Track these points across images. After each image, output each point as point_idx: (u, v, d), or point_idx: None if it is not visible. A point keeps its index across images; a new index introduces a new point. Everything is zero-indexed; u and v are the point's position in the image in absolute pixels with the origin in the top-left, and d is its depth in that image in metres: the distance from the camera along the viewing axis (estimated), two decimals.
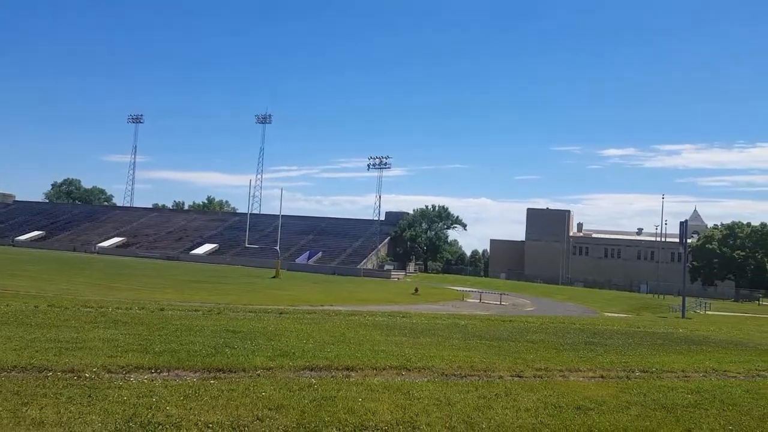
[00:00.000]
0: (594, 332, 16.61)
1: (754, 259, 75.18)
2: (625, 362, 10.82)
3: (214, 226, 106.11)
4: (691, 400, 7.95)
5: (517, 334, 14.88)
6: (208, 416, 5.72)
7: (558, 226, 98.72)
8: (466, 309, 31.85)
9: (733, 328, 22.98)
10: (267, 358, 8.69)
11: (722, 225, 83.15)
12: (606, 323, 21.49)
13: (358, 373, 8.13)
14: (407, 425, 5.90)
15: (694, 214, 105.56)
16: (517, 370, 9.15)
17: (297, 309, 19.11)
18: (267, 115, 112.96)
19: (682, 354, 12.80)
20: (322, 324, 13.86)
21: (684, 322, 26.04)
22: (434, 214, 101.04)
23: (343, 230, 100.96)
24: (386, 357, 9.40)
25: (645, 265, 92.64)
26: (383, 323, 15.17)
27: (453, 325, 15.94)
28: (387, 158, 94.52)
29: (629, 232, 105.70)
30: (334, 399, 6.61)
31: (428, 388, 7.46)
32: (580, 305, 47.86)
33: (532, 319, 21.23)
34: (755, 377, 10.24)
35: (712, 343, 15.76)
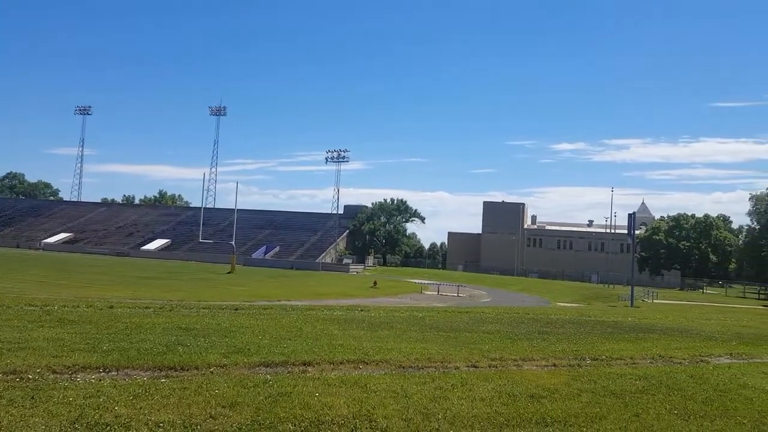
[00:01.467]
0: (547, 322, 16.98)
1: (698, 249, 78.51)
2: (576, 350, 11.09)
3: (166, 221, 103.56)
4: (639, 386, 8.21)
5: (473, 325, 15.07)
6: (159, 415, 5.58)
7: (513, 219, 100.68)
8: (424, 301, 32.10)
9: (679, 316, 23.91)
10: (221, 355, 8.52)
11: (668, 217, 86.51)
12: (558, 313, 22.02)
13: (314, 368, 8.07)
14: (364, 418, 5.89)
15: (642, 206, 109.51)
16: (473, 361, 9.26)
17: (253, 304, 18.81)
18: (221, 107, 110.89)
19: (630, 342, 13.22)
20: (279, 319, 13.69)
21: (632, 311, 26.94)
22: (393, 208, 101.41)
23: (301, 224, 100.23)
24: (344, 351, 9.36)
25: (596, 255, 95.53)
26: (341, 317, 15.11)
27: (411, 318, 16.01)
28: (345, 151, 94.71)
29: (581, 224, 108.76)
30: (289, 395, 6.54)
31: (385, 381, 7.47)
32: (534, 296, 48.94)
33: (488, 310, 21.56)
34: (699, 363, 10.66)
35: (658, 330, 16.34)
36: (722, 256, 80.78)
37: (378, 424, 5.77)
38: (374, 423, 5.79)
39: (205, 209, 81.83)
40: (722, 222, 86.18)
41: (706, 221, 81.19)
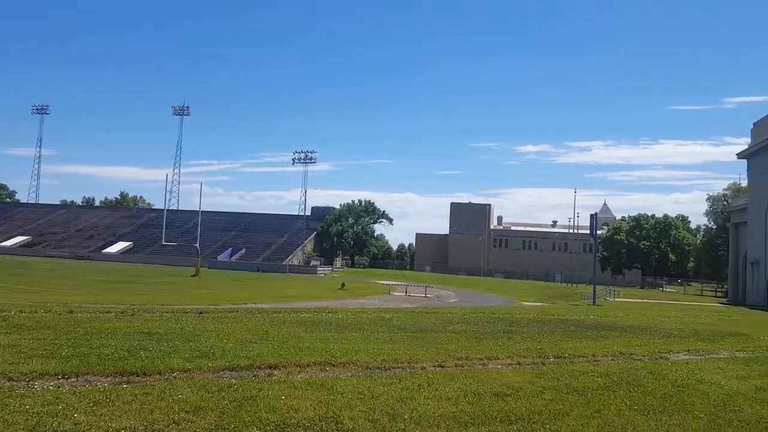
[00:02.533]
0: (512, 321, 17.22)
1: (658, 248, 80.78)
2: (540, 349, 11.28)
3: (127, 223, 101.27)
4: (601, 382, 8.41)
5: (440, 325, 15.17)
6: (120, 422, 5.47)
7: (479, 220, 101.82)
8: (392, 302, 32.16)
9: (639, 314, 24.52)
10: (184, 359, 8.38)
11: (629, 217, 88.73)
12: (523, 312, 22.36)
13: (281, 371, 8.01)
14: (330, 420, 5.88)
15: (604, 207, 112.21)
16: (440, 361, 9.33)
17: (218, 308, 18.56)
18: (184, 107, 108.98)
19: (592, 339, 13.50)
20: (245, 322, 13.54)
21: (595, 309, 27.53)
22: (361, 209, 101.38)
23: (268, 226, 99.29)
24: (310, 353, 9.31)
25: (559, 255, 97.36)
26: (308, 319, 15.03)
27: (378, 319, 16.03)
28: (312, 152, 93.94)
29: (545, 224, 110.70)
30: (255, 398, 6.48)
31: (352, 383, 7.46)
32: (500, 295, 49.57)
33: (454, 310, 21.74)
34: (658, 359, 10.97)
35: (619, 328, 16.73)
36: (681, 255, 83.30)
37: (344, 425, 5.77)
38: (340, 425, 5.78)
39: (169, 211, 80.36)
40: (681, 222, 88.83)
41: (666, 221, 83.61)
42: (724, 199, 75.30)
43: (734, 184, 74.23)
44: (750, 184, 48.99)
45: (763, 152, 43.60)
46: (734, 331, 17.02)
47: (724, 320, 22.60)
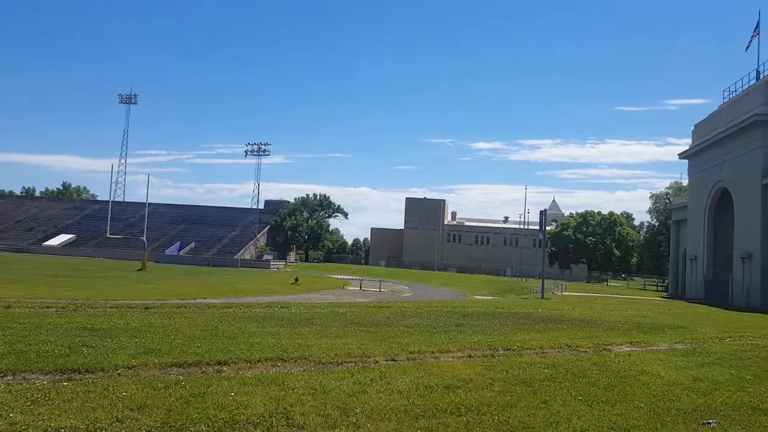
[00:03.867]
0: (464, 314, 17.49)
1: (603, 244, 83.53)
2: (490, 342, 11.50)
3: (70, 215, 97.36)
4: (548, 374, 8.63)
5: (393, 319, 15.25)
6: (60, 421, 5.29)
7: (434, 215, 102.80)
8: (346, 297, 32.07)
9: (585, 307, 25.33)
10: (129, 356, 8.15)
11: (577, 214, 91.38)
12: (475, 306, 22.73)
13: (230, 367, 7.89)
14: (280, 416, 5.82)
15: (553, 203, 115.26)
16: (392, 354, 9.38)
17: (165, 303, 18.07)
18: (132, 95, 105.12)
19: (540, 332, 13.86)
20: (193, 318, 13.25)
21: (543, 303, 28.28)
22: (315, 203, 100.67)
23: (219, 219, 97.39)
24: (261, 349, 9.20)
25: (510, 250, 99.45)
26: (260, 314, 14.83)
27: (332, 314, 15.98)
28: (266, 145, 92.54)
29: (497, 220, 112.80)
30: (203, 395, 6.37)
31: (304, 378, 7.41)
32: (453, 289, 50.20)
33: (408, 305, 21.88)
34: (602, 351, 11.35)
35: (566, 321, 17.24)
36: (625, 250, 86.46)
37: (295, 421, 5.72)
38: (291, 420, 5.73)
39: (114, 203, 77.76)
40: (625, 219, 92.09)
41: (611, 218, 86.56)
42: (666, 198, 78.60)
43: (676, 183, 77.56)
44: (690, 184, 51.25)
45: (703, 153, 45.69)
46: (674, 324, 17.80)
47: (664, 313, 23.58)
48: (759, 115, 35.79)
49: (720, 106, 45.16)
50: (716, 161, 42.98)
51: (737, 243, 39.02)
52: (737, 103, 40.60)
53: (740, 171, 38.80)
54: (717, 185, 42.81)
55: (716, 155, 42.99)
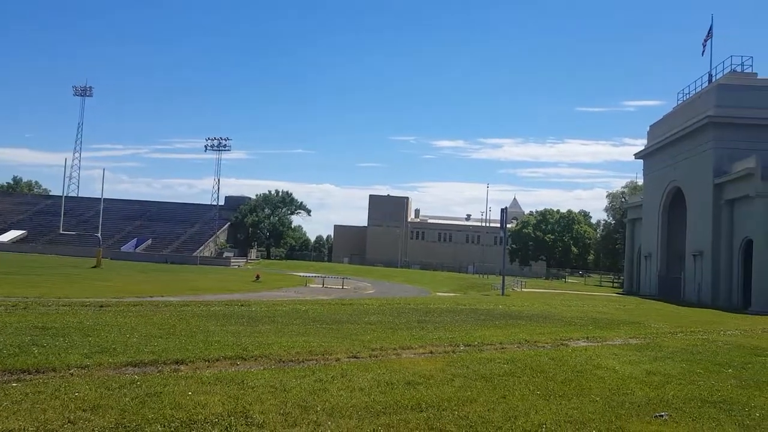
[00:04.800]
0: (426, 311, 17.61)
1: (562, 242, 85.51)
2: (451, 338, 11.61)
3: (21, 210, 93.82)
4: (507, 369, 8.76)
5: (356, 316, 15.24)
6: (8, 423, 5.11)
7: (398, 212, 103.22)
8: (308, 294, 31.84)
9: (544, 303, 25.86)
10: (83, 355, 7.91)
11: (536, 212, 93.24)
12: (437, 302, 22.93)
13: (188, 366, 7.74)
14: (239, 415, 5.74)
15: (514, 201, 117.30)
16: (354, 352, 9.37)
17: (121, 301, 17.58)
18: (87, 87, 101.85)
19: (500, 328, 14.07)
20: (150, 316, 12.94)
21: (503, 299, 28.71)
22: (278, 200, 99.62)
23: (177, 215, 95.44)
24: (220, 347, 9.06)
25: (472, 247, 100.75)
26: (219, 312, 14.60)
27: (293, 311, 15.85)
28: (226, 140, 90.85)
29: (459, 217, 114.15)
30: (159, 395, 6.24)
31: (264, 377, 7.32)
32: (416, 286, 50.45)
33: (371, 302, 21.91)
34: (560, 346, 11.60)
35: (525, 317, 17.55)
36: (582, 248, 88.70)
37: (254, 420, 5.64)
38: (250, 419, 5.65)
39: (68, 198, 75.23)
40: (583, 217, 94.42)
41: (569, 216, 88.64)
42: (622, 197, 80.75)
43: (631, 182, 79.81)
44: (645, 183, 52.78)
45: (658, 153, 47.14)
46: (628, 320, 18.33)
47: (619, 309, 24.26)
48: (711, 117, 37.13)
49: (674, 108, 46.65)
50: (670, 161, 44.40)
51: (689, 241, 40.43)
52: (691, 106, 42.03)
53: (693, 171, 40.19)
54: (671, 185, 44.23)
55: (670, 155, 44.41)
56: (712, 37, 41.52)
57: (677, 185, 43.19)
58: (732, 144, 36.62)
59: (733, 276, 35.34)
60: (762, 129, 36.05)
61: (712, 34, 41.50)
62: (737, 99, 37.10)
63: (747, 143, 35.61)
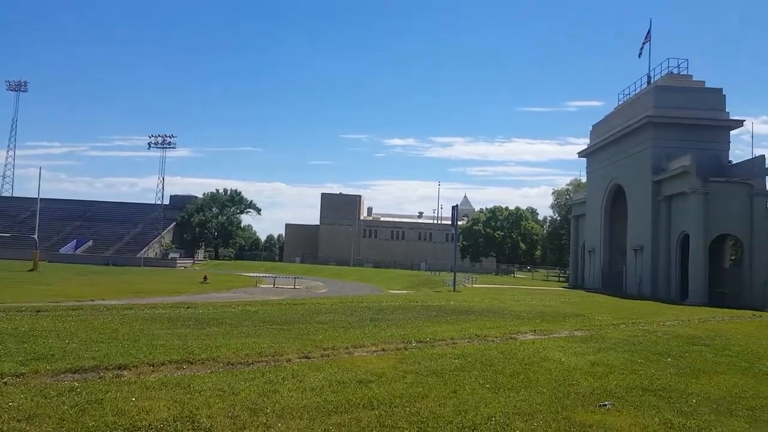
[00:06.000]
0: (379, 309, 17.62)
1: (510, 238, 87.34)
2: (404, 335, 11.65)
3: None
4: (458, 364, 8.86)
5: (307, 316, 15.09)
6: None
7: (350, 211, 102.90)
8: (258, 295, 31.38)
9: (494, 298, 26.32)
10: (17, 363, 7.51)
11: (486, 209, 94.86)
12: (390, 300, 22.98)
13: (131, 372, 7.46)
14: (186, 420, 5.57)
15: (464, 199, 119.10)
16: (306, 352, 9.26)
17: (59, 305, 16.84)
18: (21, 82, 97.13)
19: (451, 324, 14.22)
20: (90, 321, 12.43)
21: (455, 295, 29.10)
22: (226, 199, 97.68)
23: (119, 215, 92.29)
24: (166, 351, 8.78)
25: (425, 245, 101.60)
26: (165, 315, 14.17)
27: (243, 313, 15.56)
28: (171, 137, 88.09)
29: (412, 215, 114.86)
30: (101, 402, 6.00)
31: (211, 380, 7.15)
32: (369, 284, 50.56)
33: (323, 301, 21.76)
34: (509, 340, 11.82)
35: (476, 312, 17.82)
36: (530, 244, 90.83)
37: (201, 424, 5.49)
38: (197, 424, 5.50)
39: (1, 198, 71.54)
40: (530, 214, 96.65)
41: (517, 213, 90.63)
42: (566, 194, 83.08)
43: (576, 180, 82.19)
44: (588, 181, 54.55)
45: (600, 152, 48.76)
46: (574, 313, 18.87)
47: (565, 303, 24.96)
48: (650, 117, 38.68)
49: (615, 108, 48.34)
50: (611, 160, 46.01)
51: (630, 236, 42.03)
52: (631, 106, 43.65)
53: (633, 169, 41.78)
54: (612, 182, 45.84)
55: (611, 154, 46.02)
56: (650, 40, 43.23)
57: (618, 183, 44.78)
58: (669, 143, 38.26)
59: (671, 269, 36.93)
60: (697, 128, 37.83)
61: (650, 37, 43.20)
62: (674, 100, 38.79)
63: (683, 142, 37.29)
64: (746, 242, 33.75)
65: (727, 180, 34.67)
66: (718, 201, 33.93)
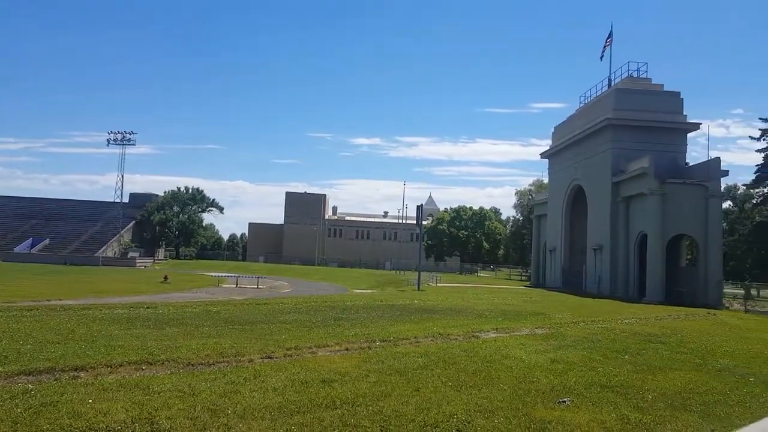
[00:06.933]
0: (343, 308, 17.58)
1: (474, 237, 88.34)
2: (368, 334, 11.66)
3: None
4: (421, 362, 8.93)
5: (270, 316, 14.95)
6: None
7: (315, 210, 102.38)
8: (221, 295, 30.93)
9: (457, 297, 26.57)
10: None
11: (451, 209, 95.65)
12: (354, 299, 22.94)
13: (88, 373, 7.27)
14: (144, 422, 5.47)
15: (429, 199, 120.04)
16: (268, 352, 9.17)
17: (13, 305, 16.27)
18: None
19: (415, 323, 14.30)
20: (46, 321, 12.05)
21: (419, 294, 29.25)
22: (187, 197, 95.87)
23: (77, 214, 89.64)
24: (124, 352, 8.58)
25: (390, 244, 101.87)
26: (123, 316, 13.84)
27: (204, 313, 15.31)
28: (131, 133, 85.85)
29: (377, 214, 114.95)
30: (56, 404, 5.85)
31: (171, 381, 7.02)
32: (333, 284, 50.38)
33: (286, 301, 21.58)
34: (471, 338, 11.95)
35: (440, 311, 17.96)
36: (493, 243, 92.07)
37: (160, 426, 5.40)
38: (156, 426, 5.40)
39: None
40: (494, 214, 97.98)
41: (481, 213, 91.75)
42: (529, 194, 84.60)
43: (538, 180, 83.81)
44: (550, 181, 55.57)
45: (561, 153, 49.75)
46: (535, 311, 19.20)
47: (526, 301, 25.37)
48: (610, 120, 39.66)
49: (577, 110, 49.39)
50: (573, 161, 47.00)
51: (590, 236, 43.03)
52: (592, 108, 44.68)
53: (593, 170, 42.78)
54: (573, 183, 46.83)
55: (573, 155, 47.01)
56: (611, 43, 44.32)
57: (579, 183, 45.77)
58: (628, 145, 39.29)
59: (629, 268, 37.94)
60: (655, 131, 38.94)
61: (612, 40, 44.30)
62: (633, 103, 39.86)
63: (641, 144, 38.36)
64: (701, 242, 34.90)
65: (684, 182, 35.76)
66: (675, 202, 35.01)
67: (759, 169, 46.85)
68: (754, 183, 48.53)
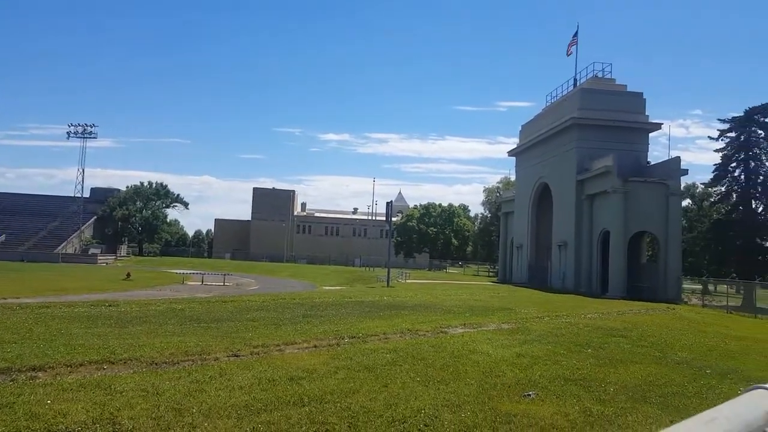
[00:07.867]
0: (311, 305, 17.50)
1: (443, 234, 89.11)
2: (336, 331, 11.62)
3: None
4: (389, 358, 8.94)
5: (237, 314, 14.77)
6: None
7: (283, 206, 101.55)
8: (185, 292, 30.43)
9: (426, 293, 26.73)
10: None
11: (420, 206, 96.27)
12: (323, 296, 22.85)
13: (47, 373, 7.06)
14: (106, 422, 5.34)
15: (399, 195, 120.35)
16: (235, 350, 9.06)
17: None
18: None
19: (384, 319, 14.33)
20: (2, 320, 11.65)
21: (388, 291, 29.33)
22: (151, 192, 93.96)
23: (35, 209, 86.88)
24: (85, 351, 8.36)
25: (359, 241, 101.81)
26: (84, 314, 13.48)
27: (168, 311, 15.02)
28: (92, 126, 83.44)
29: (346, 211, 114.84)
30: (12, 405, 5.66)
31: (134, 380, 6.87)
32: (302, 281, 50.11)
33: (254, 298, 21.34)
34: (439, 333, 12.04)
35: (409, 307, 18.03)
36: (462, 240, 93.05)
37: (123, 426, 5.28)
38: (118, 426, 5.28)
39: None
40: (462, 211, 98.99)
41: (450, 210, 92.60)
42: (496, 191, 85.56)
43: (505, 178, 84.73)
44: (517, 179, 56.34)
45: (528, 151, 50.49)
46: (501, 306, 19.46)
47: (494, 297, 25.69)
48: (575, 119, 40.42)
49: (543, 109, 50.16)
50: (539, 159, 47.74)
51: (555, 233, 43.79)
52: (558, 107, 45.43)
53: (558, 168, 43.53)
54: (539, 180, 47.57)
55: (539, 153, 47.75)
56: (577, 42, 45.13)
57: (545, 181, 46.52)
58: (592, 144, 40.11)
59: (592, 264, 38.79)
60: (618, 130, 39.82)
61: (577, 40, 45.11)
62: (598, 102, 40.70)
63: (605, 143, 39.17)
64: (662, 239, 35.89)
65: (645, 180, 36.71)
66: (637, 200, 35.91)
67: (717, 169, 48.38)
68: (712, 182, 50.05)
